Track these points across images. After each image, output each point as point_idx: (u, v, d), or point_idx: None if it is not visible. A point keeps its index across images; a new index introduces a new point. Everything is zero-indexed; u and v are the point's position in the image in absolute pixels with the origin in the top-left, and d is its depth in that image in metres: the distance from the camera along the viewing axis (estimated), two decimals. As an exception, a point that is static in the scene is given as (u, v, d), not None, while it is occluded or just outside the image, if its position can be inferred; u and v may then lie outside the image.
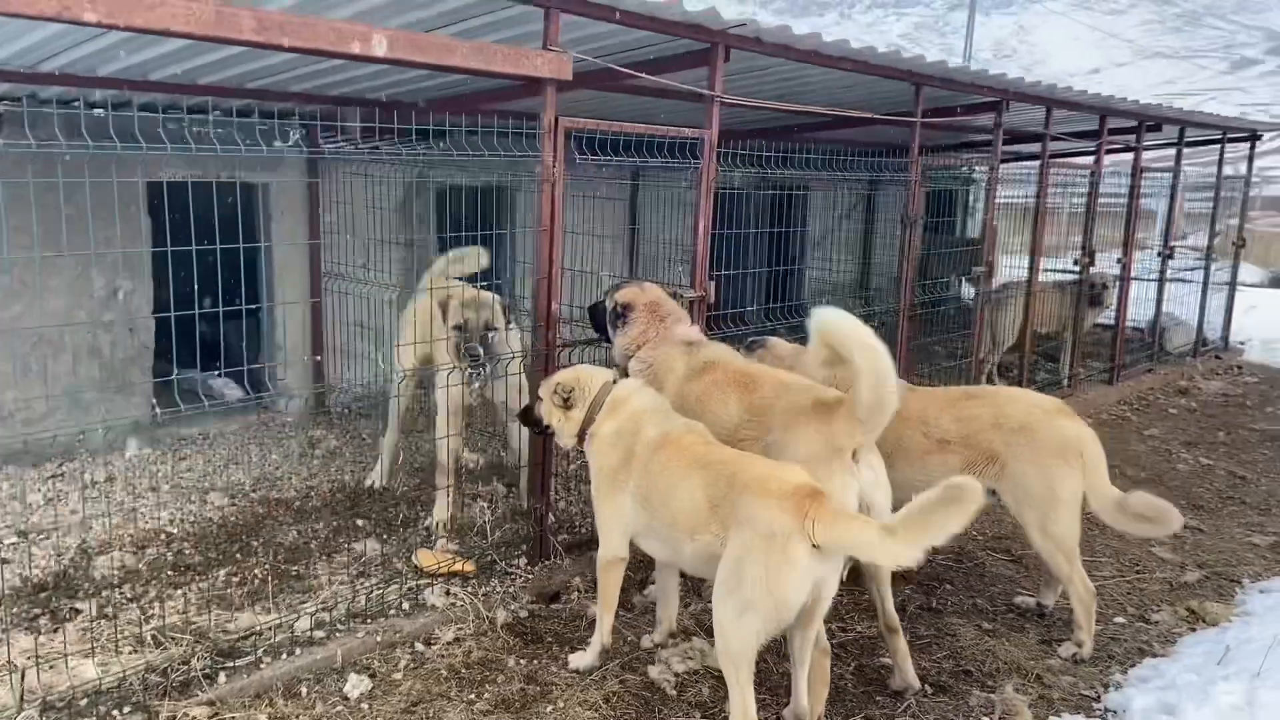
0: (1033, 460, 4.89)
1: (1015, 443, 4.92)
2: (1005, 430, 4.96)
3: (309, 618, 4.77)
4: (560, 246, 5.33)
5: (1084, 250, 9.93)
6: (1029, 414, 4.98)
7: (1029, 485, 4.90)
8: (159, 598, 5.07)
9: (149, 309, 7.57)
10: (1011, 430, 4.95)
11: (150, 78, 6.55)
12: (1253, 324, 14.68)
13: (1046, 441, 4.88)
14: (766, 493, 3.85)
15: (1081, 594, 4.93)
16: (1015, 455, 4.92)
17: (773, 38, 6.08)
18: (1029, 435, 4.91)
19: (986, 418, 5.01)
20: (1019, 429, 4.94)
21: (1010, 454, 4.93)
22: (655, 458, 4.35)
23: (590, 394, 4.68)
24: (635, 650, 4.84)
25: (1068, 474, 4.87)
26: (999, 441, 4.96)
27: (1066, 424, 4.95)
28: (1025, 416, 4.97)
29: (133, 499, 6.48)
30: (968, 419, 5.02)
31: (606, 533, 4.56)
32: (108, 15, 3.56)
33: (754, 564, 3.77)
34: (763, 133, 9.86)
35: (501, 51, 4.75)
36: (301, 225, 8.28)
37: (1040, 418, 4.95)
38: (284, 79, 6.77)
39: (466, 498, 6.56)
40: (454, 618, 4.98)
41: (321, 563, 5.55)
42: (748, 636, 3.82)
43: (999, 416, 5.00)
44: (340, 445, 7.77)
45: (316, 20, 4.12)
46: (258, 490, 6.72)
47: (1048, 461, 4.87)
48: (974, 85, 7.97)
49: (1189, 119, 11.18)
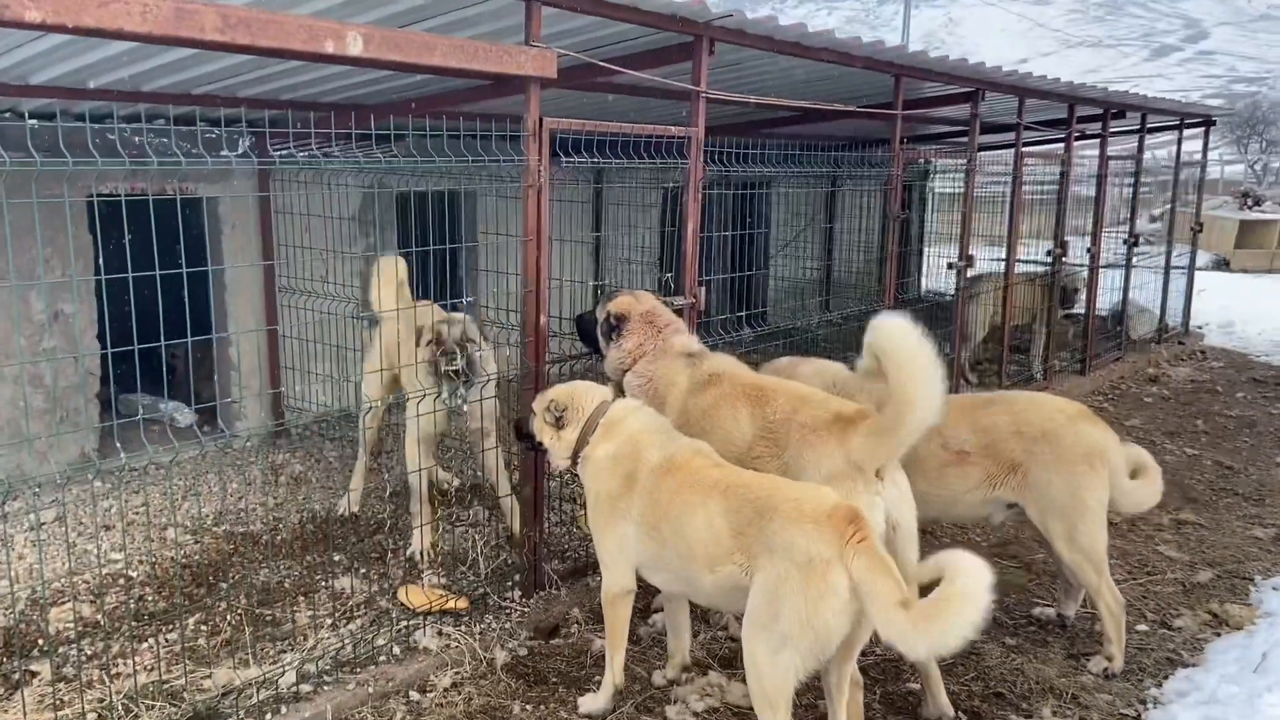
0: (1057, 468, 4.64)
1: (1038, 451, 4.67)
2: (1027, 438, 4.70)
3: (293, 670, 4.36)
4: (547, 256, 4.99)
5: (1057, 241, 9.81)
6: (1051, 419, 4.73)
7: (1054, 495, 4.65)
8: (123, 653, 4.62)
9: (93, 332, 7.06)
10: (1034, 438, 4.69)
11: (90, 85, 6.06)
12: (1205, 307, 14.80)
13: (1072, 448, 4.63)
14: (802, 516, 3.56)
15: (1112, 606, 4.70)
16: (1039, 464, 4.67)
17: (756, 29, 5.81)
18: (1053, 442, 4.65)
19: (1006, 426, 4.75)
20: (1042, 436, 4.68)
21: (1033, 462, 4.68)
22: (662, 484, 4.03)
23: (584, 413, 4.34)
24: (648, 688, 4.51)
25: (1094, 480, 4.63)
26: (1021, 450, 4.70)
27: (1090, 429, 4.71)
28: (1048, 423, 4.72)
29: (85, 540, 5.99)
30: (987, 428, 4.75)
31: (610, 565, 4.23)
32: (53, 14, 3.13)
33: (791, 595, 3.48)
34: (728, 129, 9.57)
35: (483, 48, 4.39)
36: (253, 239, 7.80)
37: (1064, 423, 4.70)
38: (235, 83, 6.32)
39: (446, 524, 6.18)
40: (449, 661, 4.61)
41: (299, 604, 5.13)
42: (785, 674, 3.53)
43: (1020, 424, 4.74)
44: (305, 470, 7.32)
45: (285, 17, 3.73)
46: (221, 524, 6.27)
47: (1074, 469, 4.62)
48: (952, 75, 7.76)
49: (1150, 106, 11.14)
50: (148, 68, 5.69)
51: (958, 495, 4.81)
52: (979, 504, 4.84)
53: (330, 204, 7.35)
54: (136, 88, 6.27)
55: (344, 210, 8.00)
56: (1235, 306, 15.28)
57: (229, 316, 7.78)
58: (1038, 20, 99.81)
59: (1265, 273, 20.25)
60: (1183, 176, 13.30)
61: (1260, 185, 34.77)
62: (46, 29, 3.23)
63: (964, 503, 4.86)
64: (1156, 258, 13.04)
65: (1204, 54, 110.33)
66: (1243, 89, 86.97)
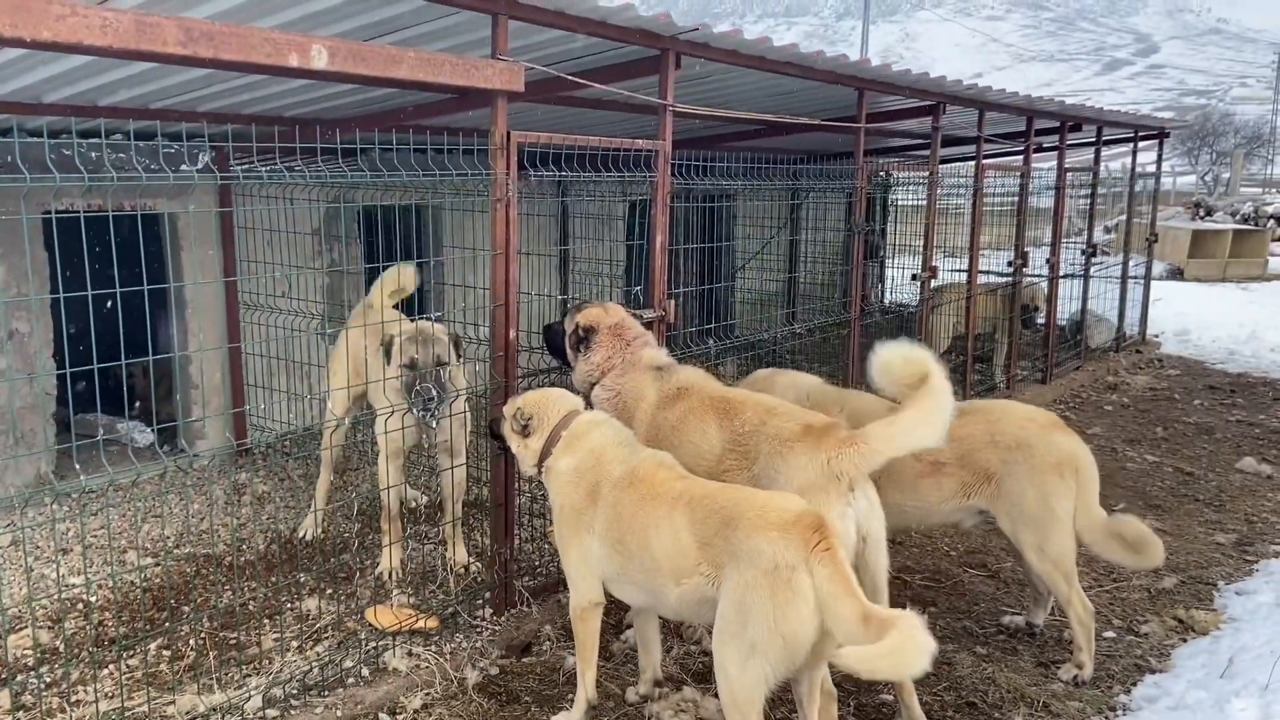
0: (1030, 478, 4.66)
1: (1012, 460, 4.69)
2: (1001, 447, 4.72)
3: (259, 695, 4.27)
4: (516, 270, 4.95)
5: (1017, 252, 9.93)
6: (1024, 429, 4.75)
7: (1026, 505, 4.68)
8: (83, 680, 4.51)
9: (50, 351, 6.91)
10: (1008, 447, 4.71)
11: (47, 100, 5.95)
12: (1160, 316, 15.04)
13: (1044, 458, 4.66)
14: (767, 524, 3.55)
15: (1082, 615, 4.73)
16: (1011, 473, 4.69)
17: (722, 43, 5.82)
18: (1026, 452, 4.68)
19: (981, 435, 4.77)
20: (1016, 446, 4.70)
21: (1006, 472, 4.70)
22: (624, 497, 4.00)
23: (550, 424, 4.31)
24: (621, 706, 4.48)
25: (1064, 491, 4.66)
26: (995, 460, 4.72)
27: (1063, 439, 4.74)
28: (1021, 432, 4.74)
29: (42, 564, 5.85)
30: (961, 438, 4.71)
31: (576, 578, 4.20)
32: (11, 28, 3.06)
33: (759, 603, 3.46)
34: (694, 142, 9.59)
35: (450, 62, 4.36)
36: (215, 255, 7.69)
37: (1037, 433, 4.73)
38: (196, 97, 6.23)
39: (414, 541, 6.11)
40: (420, 682, 4.54)
41: (265, 627, 5.04)
42: (755, 683, 3.51)
43: (994, 433, 4.76)
44: (269, 490, 7.20)
45: (249, 30, 3.67)
46: (182, 546, 6.15)
47: (1045, 479, 4.65)
48: (913, 89, 7.84)
49: (1106, 119, 11.33)
50: (106, 81, 5.60)
51: (933, 506, 4.83)
52: (952, 513, 4.87)
53: (293, 219, 7.27)
54: (94, 102, 6.17)
55: (307, 225, 7.92)
56: (1190, 315, 15.55)
57: (190, 334, 7.65)
58: (992, 35, 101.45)
59: (1218, 281, 20.62)
60: (1137, 188, 13.53)
61: (1211, 196, 35.51)
62: (4, 43, 3.16)
63: (939, 513, 4.88)
64: (1113, 268, 13.24)
65: (1154, 68, 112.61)
66: (1192, 101, 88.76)
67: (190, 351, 7.54)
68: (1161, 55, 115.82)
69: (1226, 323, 14.99)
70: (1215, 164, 48.21)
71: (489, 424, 4.72)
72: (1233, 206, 29.11)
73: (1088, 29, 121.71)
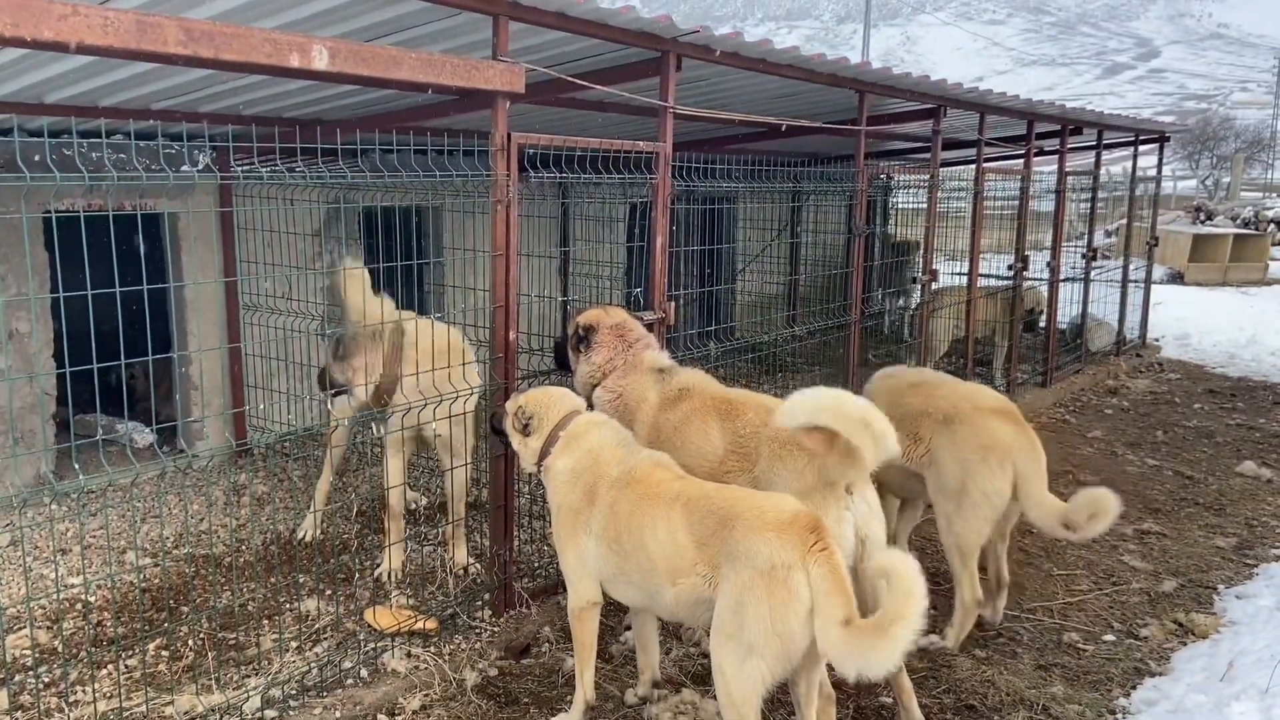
0: (952, 451, 4.92)
1: (940, 432, 4.98)
2: (932, 419, 5.02)
3: (258, 695, 4.27)
4: (516, 271, 4.95)
5: (1018, 255, 9.92)
6: (958, 407, 5.02)
7: (945, 477, 4.95)
8: (82, 680, 4.50)
9: (50, 351, 6.91)
10: (938, 420, 5.01)
11: (47, 100, 5.95)
12: (1161, 319, 15.04)
13: (970, 437, 4.88)
14: (764, 524, 3.56)
15: (967, 599, 4.95)
16: (939, 444, 4.98)
17: (723, 45, 5.82)
18: (953, 427, 4.95)
19: (918, 405, 5.10)
20: (944, 420, 4.99)
21: (936, 443, 4.99)
22: (622, 497, 4.00)
23: (550, 424, 4.32)
24: (621, 708, 4.47)
25: (985, 474, 4.84)
26: (926, 429, 5.02)
27: (999, 425, 4.92)
28: (953, 409, 5.01)
29: (41, 564, 5.85)
30: (903, 404, 5.07)
31: (573, 578, 4.20)
32: (12, 27, 3.06)
33: (756, 603, 3.47)
34: (694, 144, 9.60)
35: (451, 63, 4.36)
36: (215, 255, 7.69)
37: (969, 412, 4.97)
38: (197, 98, 6.24)
39: (414, 543, 6.10)
40: (419, 683, 4.54)
41: (264, 628, 5.04)
42: (753, 683, 3.52)
43: (929, 405, 5.08)
44: (268, 490, 7.20)
45: (250, 30, 3.67)
46: (181, 547, 6.14)
47: (967, 456, 4.87)
48: (914, 92, 7.84)
49: (1106, 122, 11.32)
50: (107, 82, 5.60)
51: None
52: (894, 476, 5.12)
53: (294, 219, 7.26)
54: (95, 102, 6.17)
55: (308, 226, 7.92)
56: (1190, 319, 15.55)
57: (190, 334, 7.65)
58: (993, 39, 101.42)
59: (1218, 286, 20.62)
60: (1138, 192, 13.53)
61: (1212, 200, 35.50)
62: (5, 42, 3.16)
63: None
64: (1114, 272, 13.24)
65: (1155, 72, 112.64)
66: (1193, 105, 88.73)
67: (190, 352, 7.54)
68: (1162, 60, 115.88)
69: (1227, 327, 15.00)
70: (1216, 168, 48.20)
71: (490, 418, 4.73)
72: (1233, 211, 29.13)
73: (1089, 33, 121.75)
